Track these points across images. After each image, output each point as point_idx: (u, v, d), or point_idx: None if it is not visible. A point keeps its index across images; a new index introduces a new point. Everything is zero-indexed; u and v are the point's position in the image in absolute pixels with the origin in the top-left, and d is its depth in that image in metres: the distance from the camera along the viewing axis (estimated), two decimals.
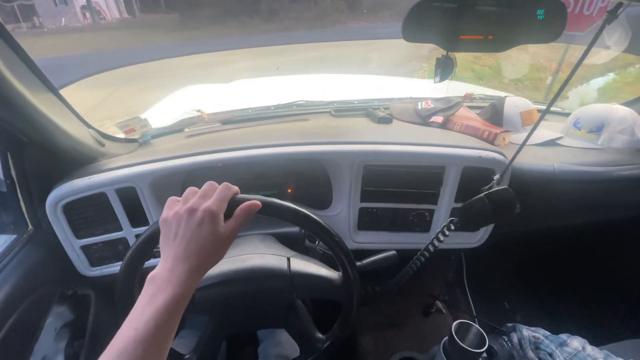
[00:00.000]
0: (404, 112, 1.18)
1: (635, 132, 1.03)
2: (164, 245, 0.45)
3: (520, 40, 0.62)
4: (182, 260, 0.43)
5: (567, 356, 0.77)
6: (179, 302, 0.42)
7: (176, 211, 0.45)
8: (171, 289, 0.42)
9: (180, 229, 0.44)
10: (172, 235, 0.45)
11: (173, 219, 0.45)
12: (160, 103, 1.68)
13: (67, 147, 0.75)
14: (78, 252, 0.82)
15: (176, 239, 0.44)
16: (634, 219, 1.06)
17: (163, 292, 0.41)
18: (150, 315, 0.39)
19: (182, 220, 0.44)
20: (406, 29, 0.62)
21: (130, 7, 4.95)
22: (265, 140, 0.86)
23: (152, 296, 0.41)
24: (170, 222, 0.45)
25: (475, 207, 0.69)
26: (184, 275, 0.43)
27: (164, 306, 0.40)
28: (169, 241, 0.45)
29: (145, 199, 0.79)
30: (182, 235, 0.44)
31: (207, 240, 0.44)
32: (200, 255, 0.44)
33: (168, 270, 0.43)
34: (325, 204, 0.96)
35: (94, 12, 4.89)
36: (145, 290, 0.42)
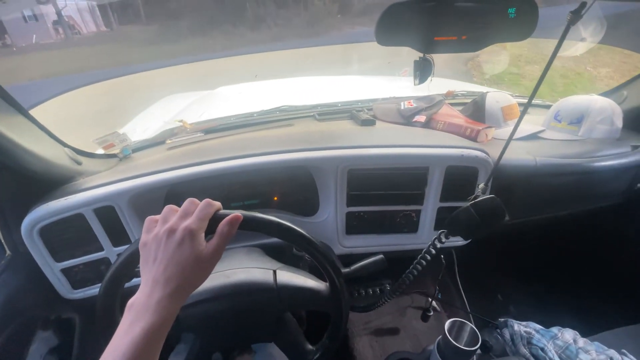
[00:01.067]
0: (387, 113, 1.18)
1: (614, 122, 1.05)
2: (144, 270, 0.43)
3: (494, 39, 0.62)
4: (161, 285, 0.41)
5: (558, 350, 0.77)
6: (158, 330, 0.40)
7: (155, 233, 0.43)
8: (149, 316, 0.39)
9: (160, 252, 0.42)
10: (151, 259, 0.43)
11: (152, 241, 0.43)
12: (141, 115, 1.65)
13: (40, 169, 0.73)
14: (58, 276, 0.80)
15: (155, 262, 0.42)
16: (617, 207, 1.08)
17: (141, 320, 0.39)
18: (127, 347, 0.37)
19: (161, 242, 0.42)
20: (380, 33, 0.62)
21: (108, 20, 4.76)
22: (249, 149, 0.85)
23: (130, 325, 0.39)
24: (150, 245, 0.43)
25: (461, 218, 0.68)
26: (163, 300, 0.41)
27: (141, 336, 0.38)
28: (148, 265, 0.43)
29: (125, 217, 0.77)
30: (161, 258, 0.42)
31: (188, 261, 0.42)
32: (180, 277, 0.42)
33: (147, 295, 0.41)
34: (312, 210, 0.95)
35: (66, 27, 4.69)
36: (124, 318, 0.40)
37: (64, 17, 4.96)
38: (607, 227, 1.19)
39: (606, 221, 1.16)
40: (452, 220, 0.71)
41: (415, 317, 1.28)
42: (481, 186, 0.71)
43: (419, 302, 1.33)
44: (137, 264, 0.53)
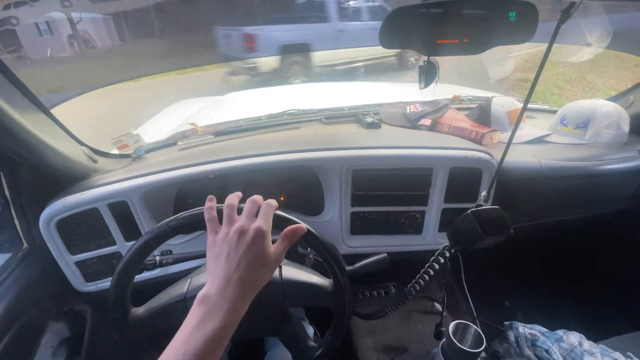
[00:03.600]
0: (393, 117, 1.19)
1: (620, 126, 1.05)
2: (213, 267, 0.44)
3: (495, 42, 0.64)
4: (234, 283, 0.42)
5: (563, 352, 0.77)
6: (229, 328, 0.41)
7: (225, 232, 0.44)
8: (223, 314, 0.40)
9: (232, 251, 0.43)
10: (222, 257, 0.43)
11: (223, 241, 0.44)
12: (154, 118, 1.70)
13: (59, 165, 0.77)
14: (73, 268, 0.83)
15: (227, 261, 0.43)
16: (625, 212, 1.07)
17: (214, 317, 0.40)
18: (200, 341, 0.38)
19: (232, 242, 0.43)
20: (384, 35, 0.64)
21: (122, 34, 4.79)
22: (257, 150, 0.87)
23: (203, 320, 0.40)
24: (220, 244, 0.44)
25: (461, 226, 0.67)
26: (236, 299, 0.42)
27: (214, 332, 0.39)
28: (219, 262, 0.43)
29: (137, 213, 0.80)
30: (234, 257, 0.43)
31: (259, 261, 0.44)
32: (252, 276, 0.43)
33: (219, 293, 0.41)
34: (317, 210, 0.97)
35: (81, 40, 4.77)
36: (194, 312, 0.41)
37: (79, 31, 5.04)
38: (614, 232, 1.17)
39: (614, 226, 1.15)
40: (453, 229, 0.70)
41: (420, 320, 1.27)
42: (483, 194, 0.69)
43: (424, 305, 1.32)
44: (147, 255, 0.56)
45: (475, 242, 0.65)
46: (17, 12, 0.54)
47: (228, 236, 0.44)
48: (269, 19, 4.58)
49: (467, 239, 0.67)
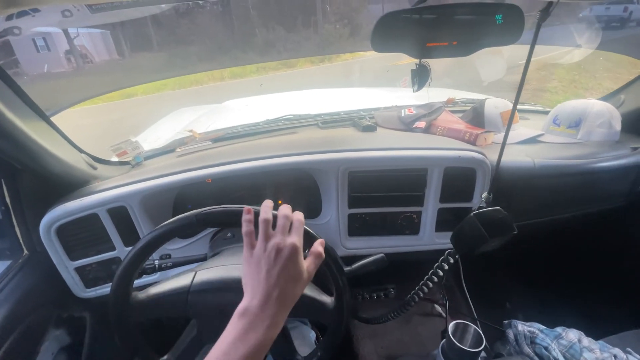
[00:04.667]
0: (388, 120, 1.21)
1: (612, 125, 1.06)
2: (252, 281, 0.46)
3: (483, 44, 0.66)
4: (274, 300, 0.44)
5: (562, 349, 0.77)
6: (269, 341, 0.43)
7: (261, 247, 0.46)
8: (264, 329, 0.42)
9: (271, 267, 0.45)
10: (263, 272, 0.45)
11: (261, 256, 0.45)
12: (153, 126, 1.72)
13: (60, 172, 0.78)
14: (72, 274, 0.83)
15: (268, 276, 0.44)
16: (620, 209, 1.08)
17: (256, 332, 0.42)
18: (243, 353, 0.40)
19: (270, 258, 0.45)
20: (375, 40, 0.66)
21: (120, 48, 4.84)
22: (254, 154, 0.89)
23: (245, 333, 0.42)
24: (258, 260, 0.45)
25: (465, 230, 0.67)
26: (277, 316, 0.44)
27: (256, 346, 0.41)
28: (259, 277, 0.45)
29: (136, 218, 0.81)
30: (274, 273, 0.44)
31: (295, 277, 0.46)
32: (289, 292, 0.45)
33: (260, 308, 0.43)
34: (315, 213, 0.98)
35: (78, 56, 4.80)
36: (235, 325, 0.43)
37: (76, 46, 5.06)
38: (611, 229, 1.18)
39: (610, 224, 1.16)
40: (457, 234, 0.70)
41: (421, 322, 1.27)
42: (484, 195, 0.69)
43: (425, 307, 1.32)
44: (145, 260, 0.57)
45: (481, 245, 0.65)
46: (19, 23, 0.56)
47: (266, 252, 0.45)
48: None
49: (472, 242, 0.66)
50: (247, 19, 1.83)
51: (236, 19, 1.87)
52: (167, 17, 1.20)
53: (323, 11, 3.94)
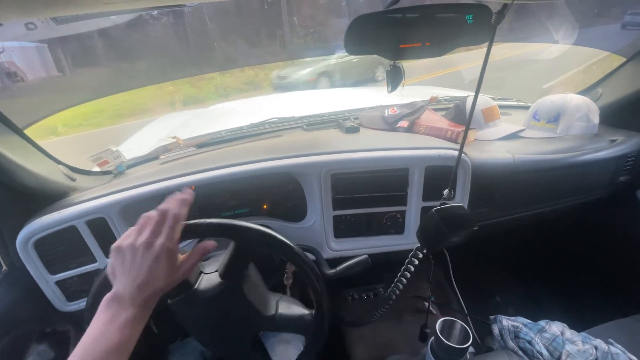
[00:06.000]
0: (372, 121, 1.22)
1: (590, 118, 1.08)
2: (119, 273, 0.47)
3: (455, 43, 0.66)
4: (139, 290, 0.46)
5: (545, 342, 0.78)
6: (140, 321, 0.46)
7: (131, 242, 0.47)
8: (133, 309, 0.45)
9: (136, 262, 0.46)
10: (127, 265, 0.47)
11: (128, 249, 0.47)
12: (137, 134, 1.70)
13: (35, 186, 0.76)
14: (53, 288, 0.82)
15: (132, 270, 0.46)
16: (602, 200, 1.10)
17: (126, 311, 0.45)
18: (116, 330, 0.43)
19: (137, 253, 0.46)
20: (348, 43, 0.66)
21: (60, 64, 4.23)
22: (238, 159, 0.88)
23: (115, 315, 0.44)
24: (124, 252, 0.47)
25: (428, 226, 0.68)
26: (143, 300, 0.46)
27: (128, 321, 0.44)
28: (125, 270, 0.47)
29: (117, 228, 0.80)
30: (139, 268, 0.46)
31: (163, 274, 0.47)
32: (155, 285, 0.47)
33: (127, 295, 0.46)
34: (300, 216, 0.98)
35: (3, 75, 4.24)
36: (104, 311, 0.45)
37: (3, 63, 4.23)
38: (592, 221, 1.20)
39: (592, 215, 1.18)
40: (420, 229, 0.71)
41: (411, 320, 1.28)
42: (445, 192, 0.70)
43: (415, 305, 1.33)
44: None
45: (441, 239, 0.65)
46: None
47: (134, 246, 0.47)
48: None
49: (433, 237, 0.67)
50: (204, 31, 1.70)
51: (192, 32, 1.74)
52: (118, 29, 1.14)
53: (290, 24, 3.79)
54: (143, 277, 0.46)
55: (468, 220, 0.65)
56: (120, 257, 0.47)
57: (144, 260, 0.46)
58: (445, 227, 0.62)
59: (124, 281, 0.46)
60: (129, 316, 0.44)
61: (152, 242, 0.47)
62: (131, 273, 0.46)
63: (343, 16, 5.47)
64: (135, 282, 0.46)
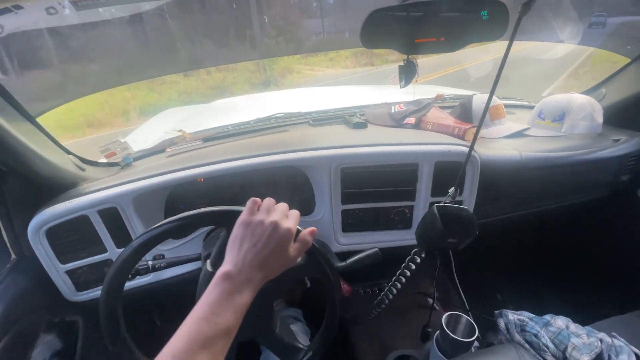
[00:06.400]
0: (379, 117, 1.22)
1: (595, 118, 1.10)
2: (239, 246, 0.46)
3: (470, 39, 0.67)
4: (257, 268, 0.45)
5: (551, 335, 0.79)
6: (249, 304, 0.44)
7: (261, 219, 0.47)
8: (248, 291, 0.44)
9: (263, 238, 0.46)
10: (252, 240, 0.46)
11: (257, 225, 0.46)
12: (141, 127, 1.70)
13: (47, 174, 0.76)
14: (63, 277, 0.82)
15: (256, 246, 0.46)
16: (605, 199, 1.12)
17: (241, 293, 0.43)
18: (231, 312, 0.41)
19: (266, 231, 0.46)
20: (364, 36, 0.67)
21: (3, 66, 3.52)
22: (245, 153, 0.89)
23: (230, 294, 0.42)
24: (253, 228, 0.46)
25: (426, 222, 0.67)
26: (259, 281, 0.45)
27: (242, 306, 0.43)
28: (246, 244, 0.46)
29: (128, 219, 0.80)
30: (263, 245, 0.46)
31: (282, 256, 0.47)
32: (273, 267, 0.47)
33: (244, 272, 0.44)
34: (308, 210, 0.98)
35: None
36: (218, 287, 0.43)
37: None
38: (595, 219, 1.22)
39: (594, 213, 1.20)
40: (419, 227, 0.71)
41: (415, 317, 1.29)
42: (451, 190, 0.67)
43: (419, 301, 1.34)
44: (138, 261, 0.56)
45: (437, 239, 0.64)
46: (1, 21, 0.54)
47: (264, 223, 0.46)
48: None
49: (429, 235, 0.66)
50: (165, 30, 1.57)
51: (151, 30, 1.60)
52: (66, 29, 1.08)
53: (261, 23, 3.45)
54: (265, 256, 0.45)
55: (471, 225, 0.63)
56: (248, 231, 0.46)
57: (269, 239, 0.46)
58: (443, 225, 0.62)
59: (242, 257, 0.45)
60: (244, 297, 0.43)
61: (280, 224, 0.47)
62: (253, 250, 0.45)
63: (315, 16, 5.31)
64: (256, 259, 0.45)
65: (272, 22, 5.21)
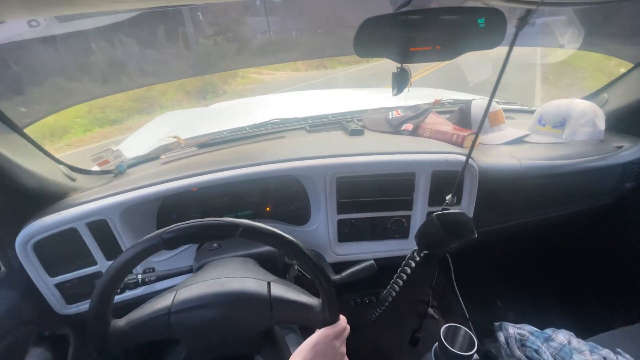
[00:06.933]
0: (376, 123, 1.20)
1: (597, 124, 1.07)
2: (314, 357, 0.56)
3: (467, 48, 0.65)
4: None
5: (553, 351, 0.77)
6: None
7: (337, 347, 0.59)
8: None
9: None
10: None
11: (334, 353, 0.58)
12: (137, 132, 1.69)
13: (34, 186, 0.75)
14: (52, 291, 0.80)
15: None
16: (607, 207, 1.09)
17: None
18: None
19: (337, 357, 0.59)
20: (358, 45, 0.65)
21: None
22: (241, 161, 0.87)
23: None
24: (335, 351, 0.58)
25: (427, 230, 0.68)
26: None
27: None
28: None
29: (118, 231, 0.79)
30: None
31: None
32: None
33: None
34: (304, 219, 0.96)
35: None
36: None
37: None
38: (597, 227, 1.20)
39: (597, 221, 1.17)
40: (419, 232, 0.71)
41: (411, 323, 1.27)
42: (448, 198, 0.69)
43: (417, 309, 1.32)
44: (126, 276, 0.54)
45: (440, 245, 0.66)
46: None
47: (338, 352, 0.58)
48: None
49: (432, 242, 0.68)
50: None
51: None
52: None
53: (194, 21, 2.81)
54: None
55: (469, 227, 0.65)
56: (331, 350, 0.58)
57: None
58: (445, 233, 0.63)
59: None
60: None
61: (344, 356, 0.60)
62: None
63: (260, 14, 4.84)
64: None
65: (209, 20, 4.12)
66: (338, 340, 0.59)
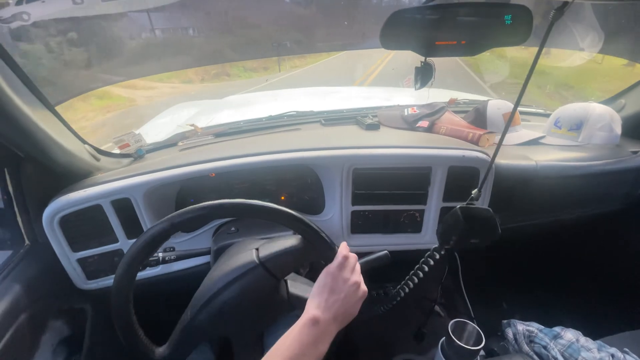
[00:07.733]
0: (391, 119, 1.22)
1: (613, 128, 1.08)
2: (328, 295, 0.52)
3: (491, 44, 0.66)
4: (337, 320, 0.51)
5: (561, 348, 0.78)
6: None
7: (347, 278, 0.53)
8: (327, 342, 0.49)
9: (348, 295, 0.52)
10: (339, 294, 0.52)
11: (345, 281, 0.53)
12: (153, 120, 1.71)
13: (64, 162, 0.77)
14: (74, 265, 0.83)
15: (340, 301, 0.52)
16: (619, 212, 1.09)
17: (323, 342, 0.48)
18: (314, 355, 0.46)
19: (351, 288, 0.53)
20: (384, 37, 0.66)
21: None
22: (257, 149, 0.89)
23: (315, 341, 0.47)
24: (342, 282, 0.53)
25: (448, 221, 0.67)
26: (333, 334, 0.50)
27: (322, 354, 0.47)
28: (334, 296, 0.52)
29: (140, 210, 0.81)
30: (347, 301, 0.52)
31: (353, 313, 0.54)
32: (345, 321, 0.53)
33: (328, 322, 0.49)
34: (318, 209, 0.98)
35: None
36: (308, 330, 0.47)
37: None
38: (609, 231, 1.20)
39: (608, 225, 1.17)
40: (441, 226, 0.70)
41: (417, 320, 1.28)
42: (474, 192, 0.68)
43: (423, 305, 1.33)
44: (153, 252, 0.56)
45: (460, 239, 0.64)
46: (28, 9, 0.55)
47: (349, 282, 0.53)
48: None
49: (452, 235, 0.66)
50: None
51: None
52: None
53: None
54: (344, 311, 0.51)
55: (493, 225, 0.63)
56: (335, 286, 0.52)
57: (351, 297, 0.53)
58: (467, 227, 0.62)
59: (331, 308, 0.50)
60: (325, 345, 0.47)
61: (361, 285, 0.55)
62: (339, 303, 0.51)
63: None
64: (339, 312, 0.51)
65: None
66: (345, 270, 0.54)
